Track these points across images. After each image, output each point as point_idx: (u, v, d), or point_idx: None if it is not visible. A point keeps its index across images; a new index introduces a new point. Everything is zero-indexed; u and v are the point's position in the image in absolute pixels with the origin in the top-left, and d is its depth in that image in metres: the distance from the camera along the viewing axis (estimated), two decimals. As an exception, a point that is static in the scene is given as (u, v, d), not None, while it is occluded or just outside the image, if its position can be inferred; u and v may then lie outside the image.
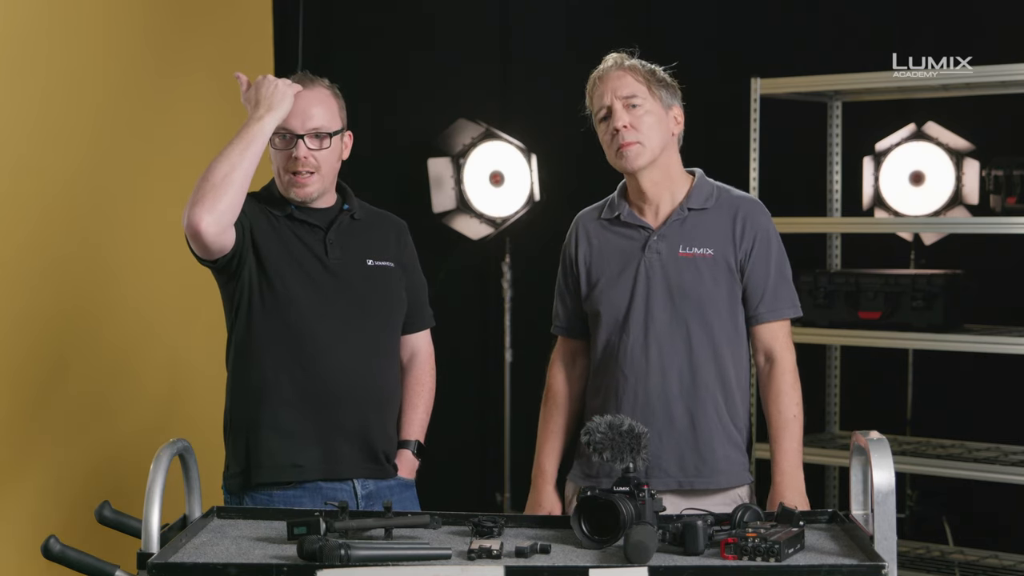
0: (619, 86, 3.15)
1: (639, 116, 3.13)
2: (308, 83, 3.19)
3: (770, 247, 3.17)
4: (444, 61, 6.01)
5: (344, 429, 3.16)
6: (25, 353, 4.39)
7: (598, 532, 2.65)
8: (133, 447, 4.70)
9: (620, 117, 3.13)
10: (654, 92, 3.14)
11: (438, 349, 3.48)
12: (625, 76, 3.15)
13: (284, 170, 3.17)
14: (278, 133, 3.14)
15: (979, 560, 5.15)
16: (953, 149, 5.45)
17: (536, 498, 3.30)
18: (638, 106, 3.13)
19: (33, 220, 4.40)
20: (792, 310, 3.20)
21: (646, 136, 3.13)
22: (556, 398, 3.34)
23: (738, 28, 5.85)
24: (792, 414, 3.15)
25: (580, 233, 3.29)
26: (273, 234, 3.17)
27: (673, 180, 3.20)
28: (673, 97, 3.18)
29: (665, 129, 3.16)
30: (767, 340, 3.17)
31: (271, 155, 3.19)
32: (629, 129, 3.13)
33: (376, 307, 3.24)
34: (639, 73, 3.15)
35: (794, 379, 3.17)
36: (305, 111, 3.15)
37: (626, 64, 3.17)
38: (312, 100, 3.17)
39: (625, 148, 3.13)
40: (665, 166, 3.18)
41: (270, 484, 3.13)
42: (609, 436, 2.77)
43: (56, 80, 4.49)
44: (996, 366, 5.19)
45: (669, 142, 3.17)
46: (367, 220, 3.28)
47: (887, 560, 2.46)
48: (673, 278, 3.16)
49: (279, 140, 3.15)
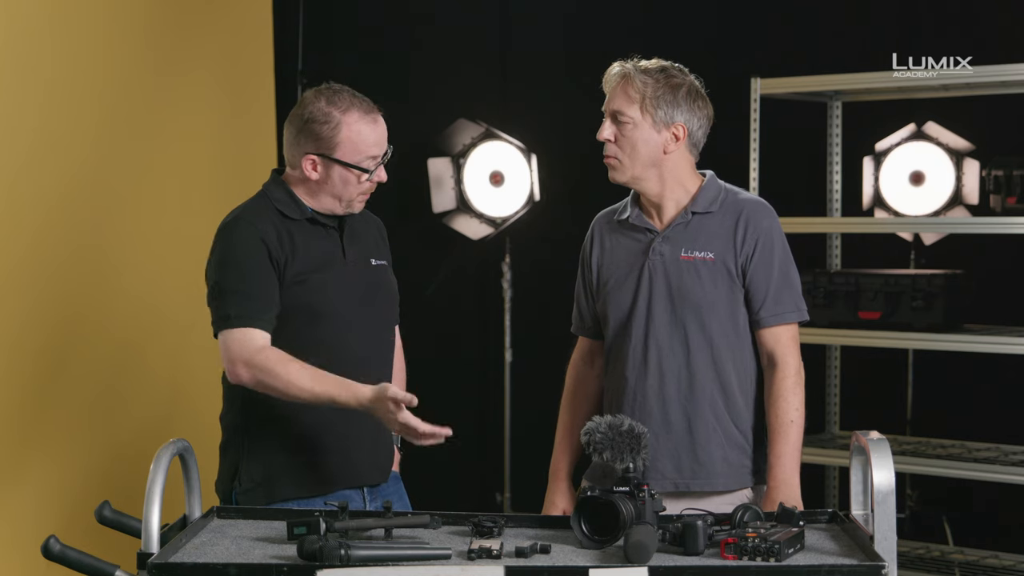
0: (613, 98, 3.16)
1: (623, 133, 3.14)
2: (375, 110, 3.17)
3: (772, 251, 3.16)
4: (444, 61, 6.01)
5: (361, 435, 3.15)
6: (26, 353, 4.39)
7: (598, 532, 2.65)
8: (133, 447, 4.70)
9: (604, 130, 3.16)
10: (646, 110, 3.12)
11: (439, 349, 3.49)
12: (622, 89, 3.14)
13: (359, 192, 3.15)
14: (364, 171, 3.12)
15: (979, 560, 5.15)
16: (953, 149, 5.45)
17: (551, 497, 3.32)
18: (624, 123, 3.14)
19: (35, 220, 4.41)
20: (796, 314, 3.18)
21: (627, 154, 3.15)
22: (573, 397, 3.34)
23: (738, 28, 5.85)
24: (789, 419, 3.12)
25: (595, 235, 3.30)
26: (294, 247, 3.12)
27: (679, 185, 3.19)
28: (675, 114, 3.15)
29: (654, 147, 3.14)
30: (769, 344, 3.16)
31: (344, 184, 3.13)
32: (609, 144, 3.16)
33: (384, 307, 3.26)
34: (635, 88, 3.12)
35: (795, 383, 3.15)
36: (384, 137, 3.16)
37: (627, 75, 3.15)
38: (383, 126, 3.17)
39: (606, 161, 3.18)
40: (662, 176, 3.18)
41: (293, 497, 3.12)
42: (609, 436, 2.77)
43: (57, 80, 4.49)
44: (996, 366, 5.19)
45: (661, 159, 3.16)
46: (361, 219, 3.29)
47: (887, 560, 2.46)
48: (674, 281, 3.16)
49: (374, 172, 3.13)
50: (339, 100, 3.12)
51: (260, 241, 3.08)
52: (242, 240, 3.09)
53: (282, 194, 3.17)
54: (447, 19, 6.05)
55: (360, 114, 3.12)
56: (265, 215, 3.13)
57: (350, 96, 3.14)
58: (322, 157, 3.12)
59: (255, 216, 3.13)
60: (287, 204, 3.16)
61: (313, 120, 3.11)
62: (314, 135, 3.11)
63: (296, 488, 3.11)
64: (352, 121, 3.11)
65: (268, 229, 3.10)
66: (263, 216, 3.13)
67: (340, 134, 3.10)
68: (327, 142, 3.11)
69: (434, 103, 5.96)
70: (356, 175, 3.12)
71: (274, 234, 3.10)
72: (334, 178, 3.13)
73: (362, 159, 3.12)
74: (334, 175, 3.12)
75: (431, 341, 5.62)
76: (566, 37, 6.03)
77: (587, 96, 3.49)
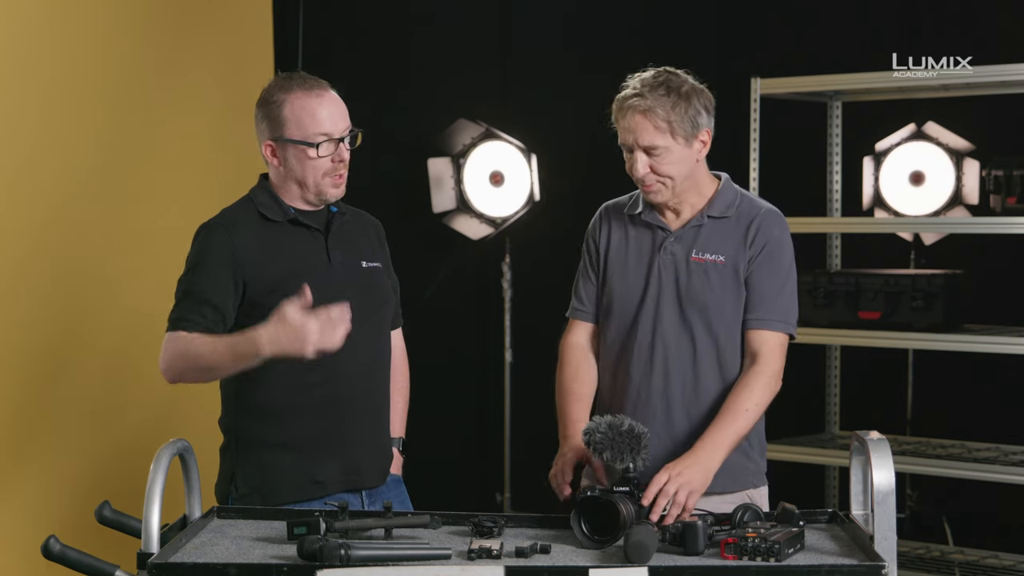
0: (640, 134, 3.09)
1: (661, 163, 3.10)
2: (321, 86, 3.17)
3: (773, 258, 3.15)
4: (444, 61, 6.01)
5: (358, 437, 3.14)
6: (26, 354, 4.39)
7: (598, 532, 2.65)
8: (133, 447, 4.70)
9: (641, 166, 3.10)
10: (676, 134, 3.09)
11: (439, 349, 3.48)
12: (645, 123, 3.07)
13: (324, 174, 3.13)
14: (321, 143, 3.10)
15: (979, 560, 5.15)
16: (953, 149, 5.45)
17: (566, 450, 3.12)
18: (659, 154, 3.11)
19: (35, 221, 4.41)
20: (782, 325, 3.14)
21: (668, 176, 3.12)
22: (578, 367, 3.23)
23: (738, 28, 5.85)
24: (744, 407, 3.04)
25: (603, 221, 3.27)
26: (275, 251, 3.11)
27: (696, 188, 3.19)
28: (699, 122, 3.10)
29: (690, 160, 3.12)
30: (754, 345, 3.14)
31: (300, 164, 3.11)
32: (650, 174, 3.12)
33: (375, 310, 3.23)
34: (659, 118, 3.07)
35: (766, 383, 3.08)
36: (337, 114, 3.13)
37: (648, 110, 3.07)
38: (335, 102, 3.14)
39: (647, 189, 3.14)
40: (692, 184, 3.17)
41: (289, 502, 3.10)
42: (609, 436, 2.77)
43: (57, 80, 4.50)
44: (996, 366, 5.19)
45: (694, 167, 3.15)
46: (353, 221, 3.27)
47: (887, 560, 2.46)
48: (683, 281, 3.15)
49: (323, 148, 3.11)
50: (285, 83, 3.15)
51: (225, 248, 3.07)
52: (207, 246, 3.10)
53: (266, 197, 3.16)
54: (447, 19, 6.05)
55: (303, 91, 3.12)
56: (245, 220, 3.13)
57: (299, 78, 3.16)
58: (276, 141, 3.12)
59: (231, 221, 3.12)
60: (270, 207, 3.15)
61: (264, 104, 3.14)
62: (268, 120, 3.12)
63: (292, 494, 3.10)
64: (294, 98, 3.11)
65: (244, 235, 3.10)
66: (242, 221, 3.12)
67: (283, 112, 3.10)
68: (276, 124, 3.11)
69: (434, 103, 5.96)
70: (304, 151, 3.10)
71: (250, 240, 3.09)
72: (290, 161, 3.12)
73: (309, 135, 3.10)
74: (289, 157, 3.12)
75: (431, 341, 5.61)
76: (566, 37, 6.03)
77: (587, 96, 3.49)
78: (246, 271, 3.07)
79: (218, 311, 3.04)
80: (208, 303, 3.04)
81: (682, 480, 2.85)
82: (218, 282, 3.06)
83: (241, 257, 3.07)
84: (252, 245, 3.09)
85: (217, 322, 3.04)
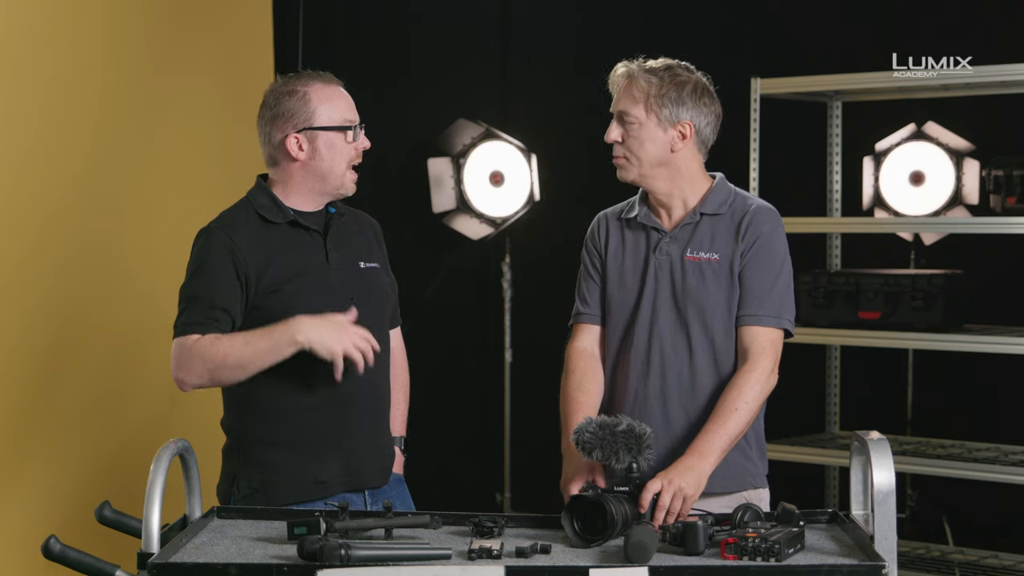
0: (618, 99, 3.16)
1: (630, 133, 3.14)
2: (335, 79, 3.20)
3: (764, 253, 3.14)
4: (444, 61, 6.02)
5: (360, 437, 3.14)
6: (27, 354, 4.39)
7: (588, 531, 2.65)
8: (133, 447, 4.70)
9: (611, 132, 3.16)
10: (651, 109, 3.12)
11: (439, 349, 3.48)
12: (627, 90, 3.14)
13: (348, 160, 3.16)
14: (347, 129, 3.14)
15: (979, 560, 5.15)
16: (953, 149, 5.45)
17: (570, 470, 3.09)
18: (630, 123, 3.14)
19: (35, 221, 4.41)
20: (774, 320, 3.13)
21: (634, 153, 3.14)
22: (583, 376, 3.21)
23: (738, 28, 5.85)
24: (734, 407, 3.02)
25: (602, 227, 3.29)
26: (274, 252, 3.11)
27: (687, 185, 3.19)
28: (680, 112, 3.13)
29: (661, 146, 3.14)
30: (746, 341, 3.13)
31: (331, 152, 3.13)
32: (617, 145, 3.16)
33: (374, 309, 3.23)
34: (639, 88, 3.12)
35: (757, 380, 3.07)
36: (351, 104, 3.18)
37: (632, 75, 3.14)
38: (348, 95, 3.19)
39: (614, 161, 3.18)
40: (671, 175, 3.17)
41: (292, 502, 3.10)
42: (599, 436, 2.76)
43: (57, 80, 4.50)
44: (996, 366, 5.19)
45: (669, 157, 3.16)
46: (351, 221, 3.27)
47: (887, 560, 2.46)
48: (678, 281, 3.15)
49: (349, 135, 3.15)
50: (298, 79, 3.18)
51: (226, 250, 3.07)
52: (207, 249, 3.10)
53: (264, 199, 3.16)
54: (447, 19, 6.05)
55: (322, 84, 3.16)
56: (243, 222, 3.13)
57: (309, 73, 3.19)
58: (304, 131, 3.13)
59: (230, 224, 3.12)
60: (269, 209, 3.15)
61: (286, 97, 3.14)
62: (290, 114, 3.13)
63: (295, 494, 3.10)
64: (318, 89, 3.15)
65: (242, 237, 3.10)
66: (240, 223, 3.13)
67: (312, 102, 3.13)
68: (304, 115, 3.12)
69: (434, 103, 5.97)
70: (339, 138, 3.13)
71: (249, 242, 3.09)
72: (321, 149, 3.13)
73: (342, 120, 3.14)
74: (320, 145, 3.13)
75: (431, 341, 5.62)
76: (566, 37, 6.03)
77: (587, 96, 3.49)
78: (247, 273, 3.07)
79: (228, 313, 3.05)
80: (217, 306, 3.04)
81: (674, 488, 2.86)
82: (223, 284, 3.06)
83: (242, 259, 3.07)
84: (252, 247, 3.09)
85: (227, 324, 3.05)
